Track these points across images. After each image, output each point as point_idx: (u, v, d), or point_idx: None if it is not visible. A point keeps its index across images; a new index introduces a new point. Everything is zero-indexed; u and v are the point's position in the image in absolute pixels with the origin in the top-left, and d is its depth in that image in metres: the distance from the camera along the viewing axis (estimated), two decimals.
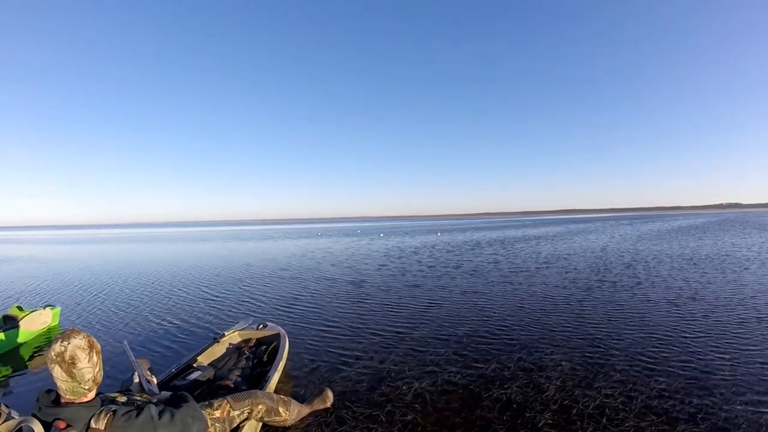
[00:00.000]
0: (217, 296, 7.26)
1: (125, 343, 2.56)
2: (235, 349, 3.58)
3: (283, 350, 3.37)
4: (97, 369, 1.71)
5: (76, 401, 1.62)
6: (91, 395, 1.68)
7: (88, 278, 10.03)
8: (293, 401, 2.57)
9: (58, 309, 5.53)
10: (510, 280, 8.10)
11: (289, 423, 2.50)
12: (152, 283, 9.16)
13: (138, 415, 1.62)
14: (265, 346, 3.59)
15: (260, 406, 2.30)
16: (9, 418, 2.06)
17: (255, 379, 3.10)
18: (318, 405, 2.78)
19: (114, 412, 1.60)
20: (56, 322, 5.46)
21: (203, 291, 7.84)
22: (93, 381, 1.68)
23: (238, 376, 3.01)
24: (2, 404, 2.10)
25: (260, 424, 2.45)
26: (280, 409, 2.41)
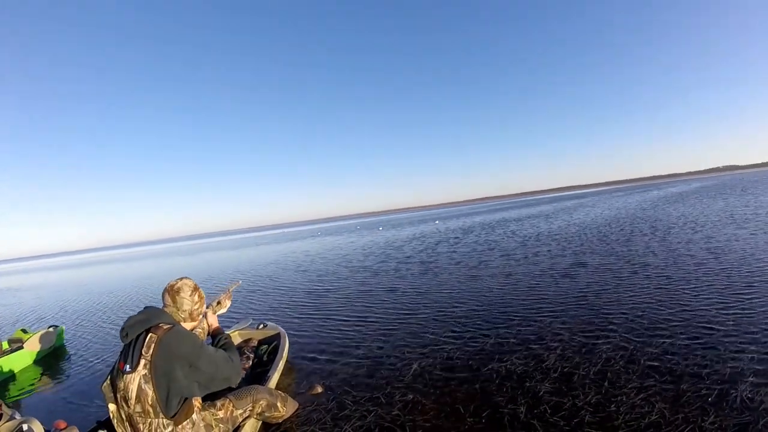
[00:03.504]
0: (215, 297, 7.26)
1: (239, 279, 3.06)
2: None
3: (283, 349, 3.36)
4: (195, 306, 2.15)
5: None
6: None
7: (87, 299, 10.05)
8: (289, 397, 2.62)
9: (62, 328, 5.53)
10: (506, 257, 8.07)
11: (284, 419, 2.54)
12: (149, 296, 9.21)
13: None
14: (265, 346, 3.57)
15: (262, 402, 2.32)
16: (11, 418, 2.09)
17: (255, 379, 3.11)
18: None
19: (173, 327, 1.96)
20: (61, 342, 5.46)
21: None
22: (188, 314, 2.12)
23: None
24: (4, 405, 2.13)
25: (260, 422, 2.48)
26: (279, 404, 2.44)
